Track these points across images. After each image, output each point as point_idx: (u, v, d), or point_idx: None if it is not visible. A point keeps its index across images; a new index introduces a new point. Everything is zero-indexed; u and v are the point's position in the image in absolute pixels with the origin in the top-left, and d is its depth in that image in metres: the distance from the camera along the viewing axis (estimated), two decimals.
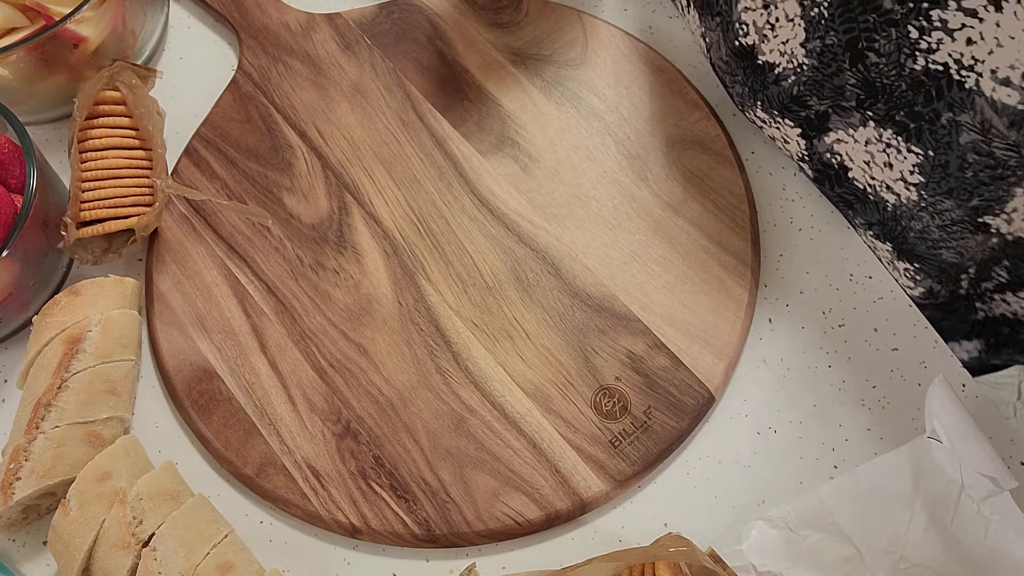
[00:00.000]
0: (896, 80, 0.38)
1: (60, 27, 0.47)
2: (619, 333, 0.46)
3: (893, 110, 0.39)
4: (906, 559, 0.40)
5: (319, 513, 0.42)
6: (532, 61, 0.54)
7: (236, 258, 0.49)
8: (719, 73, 0.50)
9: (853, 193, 0.46)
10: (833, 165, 0.46)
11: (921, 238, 0.43)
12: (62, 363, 0.43)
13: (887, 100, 0.39)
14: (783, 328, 0.48)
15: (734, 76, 0.48)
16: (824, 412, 0.45)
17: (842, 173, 0.46)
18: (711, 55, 0.50)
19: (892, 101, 0.39)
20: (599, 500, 0.43)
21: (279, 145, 0.52)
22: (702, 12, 0.50)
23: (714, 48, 0.49)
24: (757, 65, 0.45)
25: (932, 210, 0.41)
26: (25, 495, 0.40)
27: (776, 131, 0.48)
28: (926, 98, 0.38)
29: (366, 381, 0.45)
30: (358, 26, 0.56)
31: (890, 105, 0.39)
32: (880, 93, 0.39)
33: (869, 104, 0.40)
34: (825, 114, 0.43)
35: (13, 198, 0.44)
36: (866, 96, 0.40)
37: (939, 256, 0.44)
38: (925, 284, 0.46)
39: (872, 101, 0.40)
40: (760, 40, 0.44)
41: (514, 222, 0.50)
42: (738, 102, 0.50)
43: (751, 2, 0.44)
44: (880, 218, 0.45)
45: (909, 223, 0.43)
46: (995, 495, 0.39)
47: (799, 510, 0.41)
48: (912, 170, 0.41)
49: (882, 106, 0.40)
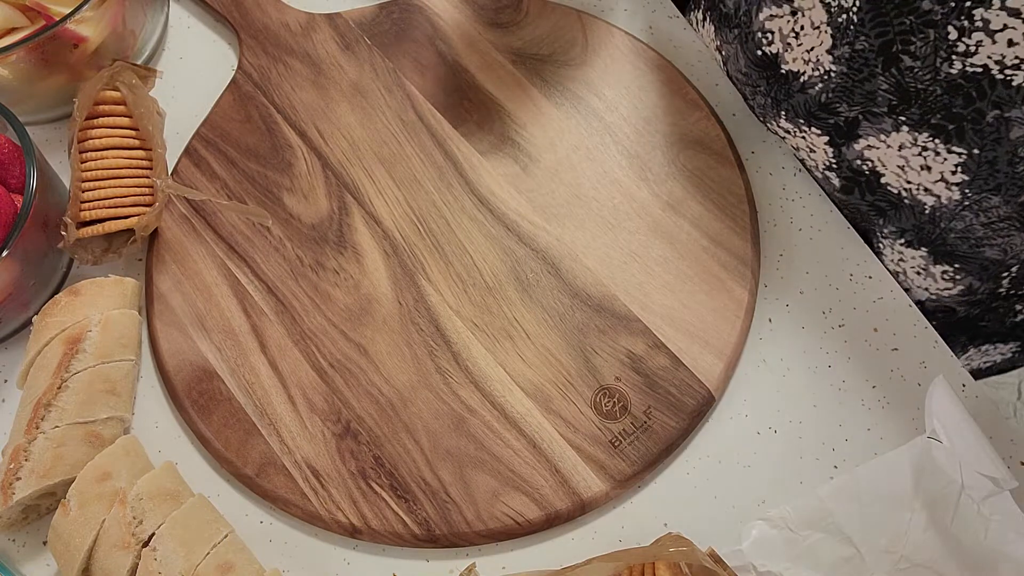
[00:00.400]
0: (931, 85, 0.38)
1: (60, 27, 0.47)
2: (619, 333, 0.46)
3: (928, 114, 0.39)
4: (906, 559, 0.40)
5: (319, 513, 0.42)
6: (532, 61, 0.54)
7: (236, 258, 0.49)
8: (738, 86, 0.50)
9: (887, 199, 0.46)
10: (864, 172, 0.45)
11: (963, 238, 0.43)
12: (62, 363, 0.43)
13: (921, 105, 0.39)
14: (783, 328, 0.48)
15: (755, 87, 0.48)
16: (824, 412, 0.45)
17: (874, 179, 0.45)
18: (728, 68, 0.50)
19: (927, 105, 0.39)
20: (599, 500, 0.43)
21: (279, 145, 0.52)
22: (719, 26, 0.50)
23: (731, 61, 0.49)
24: (781, 74, 0.45)
25: (977, 208, 0.41)
26: (25, 495, 0.40)
27: (801, 140, 0.47)
28: (966, 99, 0.37)
29: (366, 381, 0.45)
30: (358, 26, 0.56)
31: (924, 109, 0.39)
32: (914, 98, 0.39)
33: (902, 109, 0.40)
34: (855, 121, 0.43)
35: (13, 198, 0.44)
36: (899, 101, 0.40)
37: (981, 254, 0.43)
38: (965, 282, 0.46)
39: (905, 106, 0.40)
40: (784, 48, 0.44)
41: (514, 222, 0.50)
42: (760, 113, 0.50)
43: (777, 9, 0.44)
44: (916, 223, 0.45)
45: (950, 224, 0.43)
46: (995, 495, 0.39)
47: (799, 510, 0.41)
48: (954, 170, 0.40)
49: (916, 111, 0.40)
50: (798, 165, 0.52)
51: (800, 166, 0.52)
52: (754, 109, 0.50)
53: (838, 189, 0.48)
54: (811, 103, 0.44)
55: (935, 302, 0.48)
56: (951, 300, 0.47)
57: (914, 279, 0.48)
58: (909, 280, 0.48)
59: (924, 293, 0.48)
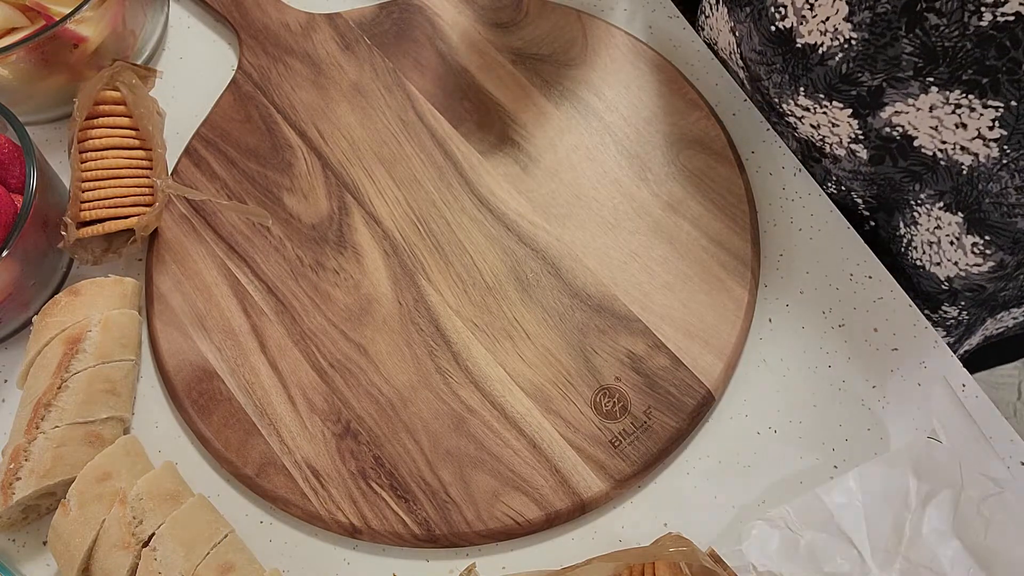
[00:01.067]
0: (959, 41, 0.37)
1: (60, 27, 0.47)
2: (619, 333, 0.46)
3: (959, 70, 0.38)
4: (906, 559, 0.40)
5: (319, 513, 0.42)
6: (532, 61, 0.54)
7: (236, 258, 0.49)
8: (752, 67, 0.49)
9: (922, 163, 0.45)
10: (894, 138, 0.44)
11: (996, 203, 0.42)
12: (62, 363, 0.43)
13: (950, 62, 0.38)
14: (783, 328, 0.48)
15: (771, 65, 0.47)
16: (824, 412, 0.45)
17: (906, 144, 0.44)
18: (742, 49, 0.49)
19: (956, 62, 0.38)
20: (599, 500, 0.43)
21: (279, 145, 0.52)
22: (731, 6, 0.49)
23: (745, 41, 0.48)
24: (797, 49, 0.44)
25: (1014, 168, 0.40)
26: (25, 495, 0.40)
27: (823, 116, 0.46)
28: (999, 50, 0.36)
29: (366, 381, 0.45)
30: (358, 26, 0.56)
31: (954, 67, 0.38)
32: (941, 57, 0.38)
33: (929, 70, 0.39)
34: (879, 89, 0.42)
35: (13, 198, 0.44)
36: (925, 63, 0.39)
37: (1014, 224, 0.42)
38: (995, 258, 0.45)
39: (932, 67, 0.39)
40: (799, 21, 0.43)
41: (514, 222, 0.50)
42: (775, 93, 0.49)
43: None
44: (954, 184, 0.44)
45: (986, 185, 0.42)
46: (995, 495, 0.39)
47: (799, 510, 0.41)
48: (991, 125, 0.39)
49: (944, 70, 0.39)
50: (798, 165, 0.52)
51: (800, 166, 0.52)
52: (770, 89, 0.49)
53: (866, 161, 0.47)
54: (831, 75, 0.43)
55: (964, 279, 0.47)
56: (980, 278, 0.46)
57: (947, 250, 0.47)
58: (942, 252, 0.47)
59: (954, 268, 0.47)
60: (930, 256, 0.48)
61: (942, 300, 0.50)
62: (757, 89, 0.50)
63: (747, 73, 0.51)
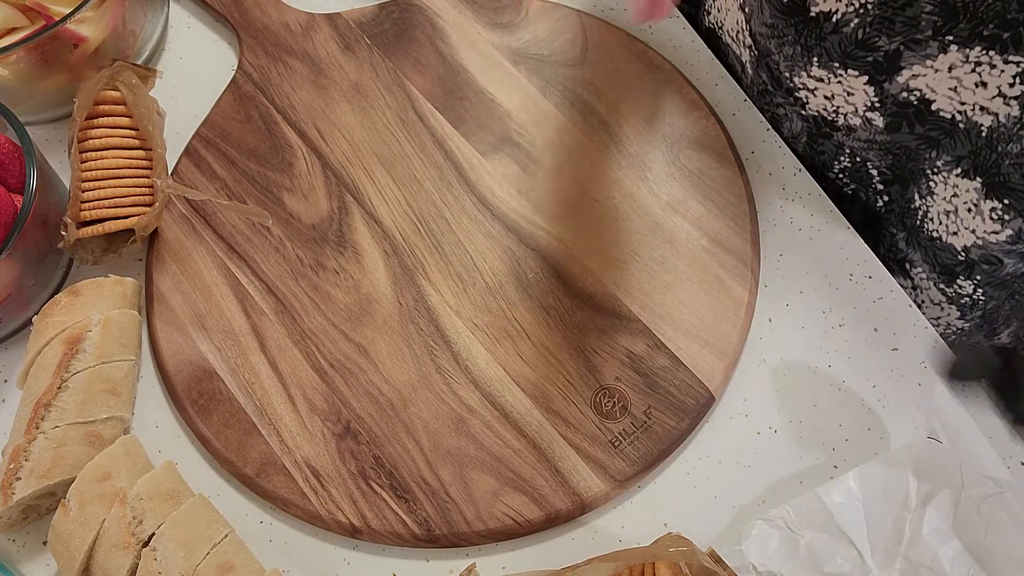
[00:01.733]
0: None
1: (60, 27, 0.47)
2: (619, 333, 0.46)
3: (979, 26, 0.38)
4: (906, 559, 0.40)
5: (319, 513, 0.42)
6: (532, 61, 0.54)
7: (236, 258, 0.49)
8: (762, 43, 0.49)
9: (939, 127, 0.44)
10: (911, 103, 0.44)
11: (1017, 163, 0.42)
12: (62, 363, 0.43)
13: (970, 18, 0.38)
14: (783, 328, 0.48)
15: (783, 38, 0.46)
16: (824, 412, 0.45)
17: (923, 108, 0.44)
18: (751, 25, 0.49)
19: (977, 17, 0.38)
20: (599, 500, 0.43)
21: (279, 145, 0.52)
22: None
23: (755, 16, 0.48)
24: (810, 18, 0.44)
25: None
26: (25, 495, 0.40)
27: (837, 86, 0.46)
28: (1021, 2, 0.36)
29: (366, 381, 0.45)
30: (358, 26, 0.56)
31: (975, 23, 0.38)
32: (961, 13, 0.38)
33: (949, 28, 0.39)
34: (896, 52, 0.42)
35: (13, 198, 0.44)
36: (944, 21, 0.39)
37: None
38: (1014, 225, 0.44)
39: (952, 24, 0.39)
40: None
41: (514, 222, 0.50)
42: (787, 67, 0.48)
43: None
44: (972, 148, 0.44)
45: (1006, 147, 0.42)
46: (995, 495, 0.39)
47: (799, 510, 0.41)
48: (1012, 82, 0.39)
49: (964, 26, 0.39)
50: (798, 165, 0.52)
51: (800, 166, 0.52)
52: (780, 63, 0.48)
53: (883, 129, 0.47)
54: (846, 42, 0.43)
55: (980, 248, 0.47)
56: (998, 248, 0.46)
57: (964, 218, 0.46)
58: (959, 220, 0.47)
59: (971, 236, 0.47)
60: (947, 226, 0.48)
61: (958, 273, 0.50)
62: (766, 67, 0.50)
63: (756, 51, 0.50)
